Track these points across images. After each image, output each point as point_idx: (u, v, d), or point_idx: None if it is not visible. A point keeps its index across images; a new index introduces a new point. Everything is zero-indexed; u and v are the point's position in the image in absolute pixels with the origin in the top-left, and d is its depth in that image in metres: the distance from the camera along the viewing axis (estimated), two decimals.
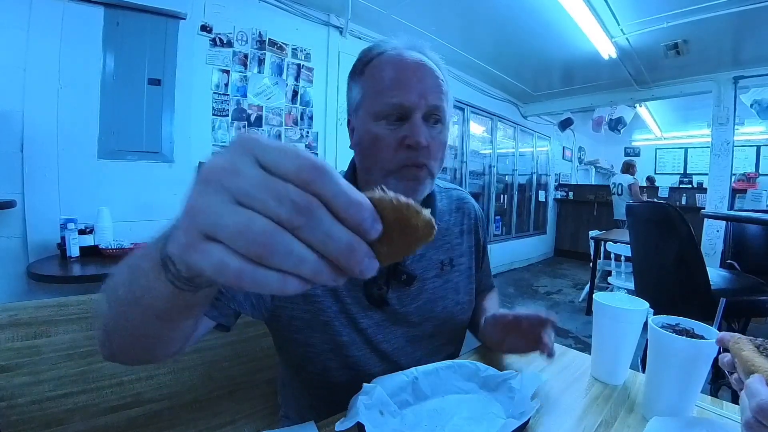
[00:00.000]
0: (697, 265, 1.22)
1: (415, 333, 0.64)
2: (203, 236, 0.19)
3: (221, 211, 0.18)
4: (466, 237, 0.70)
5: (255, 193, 0.18)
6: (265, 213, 0.18)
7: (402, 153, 0.52)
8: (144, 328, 0.33)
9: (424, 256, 0.64)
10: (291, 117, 2.71)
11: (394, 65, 0.53)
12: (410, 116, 0.52)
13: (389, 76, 0.52)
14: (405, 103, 0.51)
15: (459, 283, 0.68)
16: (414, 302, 0.62)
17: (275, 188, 0.18)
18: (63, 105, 1.82)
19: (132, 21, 2.00)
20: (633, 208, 1.64)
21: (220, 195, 0.18)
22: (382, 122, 0.53)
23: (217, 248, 0.18)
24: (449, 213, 0.69)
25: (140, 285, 0.28)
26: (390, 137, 0.52)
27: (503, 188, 5.40)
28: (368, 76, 0.55)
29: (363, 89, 0.56)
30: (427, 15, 2.92)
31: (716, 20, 2.63)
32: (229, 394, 0.81)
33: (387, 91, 0.52)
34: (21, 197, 1.73)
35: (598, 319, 0.61)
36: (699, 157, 6.31)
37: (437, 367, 0.56)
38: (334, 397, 0.64)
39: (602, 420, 0.50)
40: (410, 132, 0.51)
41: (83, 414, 0.64)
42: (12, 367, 0.59)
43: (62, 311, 0.64)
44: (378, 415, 0.46)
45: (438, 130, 0.55)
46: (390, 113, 0.52)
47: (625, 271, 3.10)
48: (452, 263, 0.67)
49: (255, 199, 0.18)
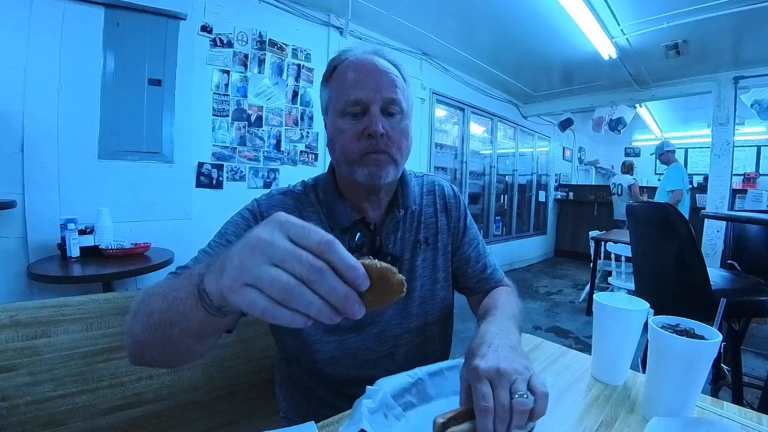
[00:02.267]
0: (697, 266, 1.22)
1: (396, 311, 0.66)
2: (243, 284, 0.28)
3: (260, 269, 0.28)
4: (441, 216, 0.73)
5: (284, 258, 0.28)
6: (291, 272, 0.28)
7: (363, 142, 0.58)
8: (178, 343, 0.41)
9: (403, 237, 0.68)
10: (291, 117, 2.71)
11: (352, 68, 0.60)
12: (368, 110, 0.58)
13: (349, 78, 0.59)
14: (362, 98, 0.58)
15: (437, 260, 0.71)
16: None
17: (299, 256, 0.28)
18: (63, 105, 1.82)
19: (132, 21, 2.00)
20: (633, 208, 1.64)
21: (260, 258, 0.28)
22: (346, 117, 0.59)
23: (252, 292, 0.28)
24: (421, 195, 0.73)
25: (177, 311, 0.38)
26: (352, 129, 0.58)
27: (503, 188, 5.40)
28: (333, 80, 0.62)
29: (330, 92, 0.63)
30: (427, 15, 2.92)
31: (716, 20, 2.63)
32: (229, 394, 0.81)
33: (347, 90, 0.58)
34: (21, 197, 1.73)
35: (599, 320, 0.61)
36: (699, 158, 6.31)
37: (442, 367, 0.55)
38: (328, 393, 0.66)
39: (602, 420, 0.50)
40: (369, 123, 0.57)
41: (83, 414, 0.64)
42: (12, 367, 0.59)
43: (62, 311, 0.64)
44: (382, 418, 0.45)
45: (397, 120, 0.60)
46: (351, 109, 0.58)
47: (626, 271, 3.10)
48: (428, 241, 0.70)
49: (284, 262, 0.28)
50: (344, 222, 0.63)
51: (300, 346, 0.64)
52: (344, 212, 0.63)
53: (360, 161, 0.59)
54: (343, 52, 0.63)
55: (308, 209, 0.65)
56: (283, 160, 2.68)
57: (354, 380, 0.63)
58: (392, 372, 0.63)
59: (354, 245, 0.62)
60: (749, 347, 2.28)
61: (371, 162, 0.58)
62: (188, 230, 2.24)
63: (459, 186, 4.40)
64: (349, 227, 0.62)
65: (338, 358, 0.64)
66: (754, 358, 2.26)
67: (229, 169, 2.43)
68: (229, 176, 2.43)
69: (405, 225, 0.69)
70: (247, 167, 2.51)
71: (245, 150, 2.50)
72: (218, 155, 2.39)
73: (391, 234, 0.67)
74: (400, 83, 0.61)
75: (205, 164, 2.33)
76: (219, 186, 2.39)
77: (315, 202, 0.66)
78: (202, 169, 2.32)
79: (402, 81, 0.62)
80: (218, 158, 2.39)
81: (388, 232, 0.66)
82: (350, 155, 0.59)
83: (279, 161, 2.66)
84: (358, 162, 0.59)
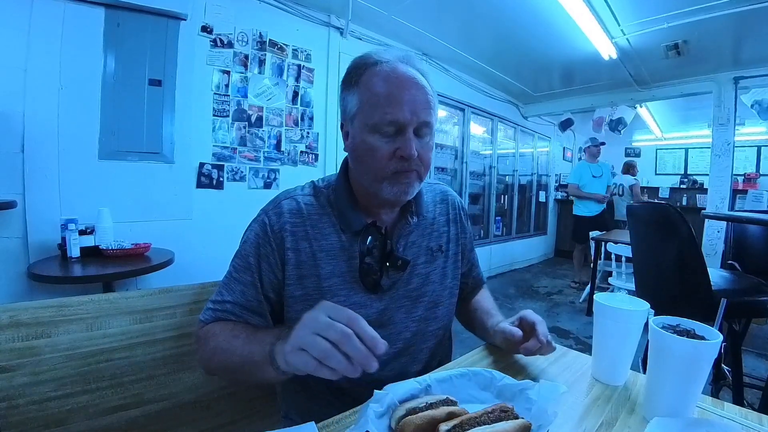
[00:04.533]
0: (697, 266, 1.21)
1: (406, 314, 0.69)
2: (298, 348, 0.43)
3: (308, 337, 0.42)
4: (452, 226, 0.77)
5: (324, 329, 0.42)
6: (328, 338, 0.41)
7: (395, 163, 0.59)
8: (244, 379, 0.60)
9: (414, 243, 0.70)
10: (291, 118, 2.71)
11: (388, 80, 0.58)
12: (403, 131, 0.58)
13: (384, 91, 0.57)
14: (399, 119, 0.57)
15: (447, 267, 0.74)
16: (405, 286, 0.68)
17: (334, 326, 0.42)
18: (64, 106, 1.82)
19: (133, 22, 2.00)
20: (633, 208, 1.63)
21: (308, 330, 0.43)
22: (377, 135, 0.58)
23: (304, 354, 0.43)
24: (434, 204, 0.76)
25: (252, 365, 0.53)
26: (384, 149, 0.58)
27: (504, 189, 5.40)
28: (363, 87, 0.60)
29: (359, 100, 0.60)
30: (428, 15, 2.92)
31: (716, 20, 2.63)
32: (229, 394, 0.81)
33: (382, 107, 0.57)
34: (22, 198, 1.73)
35: (599, 320, 0.61)
36: (700, 158, 6.30)
37: (451, 374, 0.54)
38: (332, 392, 0.67)
39: (603, 421, 0.50)
40: (403, 145, 0.58)
41: (84, 414, 0.64)
42: (12, 367, 0.59)
43: (63, 312, 0.64)
44: (388, 423, 0.45)
45: (426, 140, 0.61)
46: (385, 128, 0.58)
47: (626, 271, 3.10)
48: (441, 249, 0.73)
49: (324, 332, 0.42)
50: (356, 226, 0.64)
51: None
52: (356, 216, 0.65)
53: (389, 179, 0.60)
54: (372, 54, 0.61)
55: (318, 213, 0.66)
56: (284, 160, 2.68)
57: (359, 380, 0.63)
58: (397, 372, 0.64)
59: (365, 248, 0.63)
60: (750, 348, 2.28)
61: (401, 180, 0.60)
62: (189, 230, 2.23)
63: (459, 186, 4.41)
64: (360, 231, 0.64)
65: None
66: (755, 359, 2.26)
67: (229, 170, 2.43)
68: (230, 176, 2.43)
69: (417, 231, 0.71)
70: (248, 167, 2.51)
71: (245, 150, 2.50)
72: (219, 155, 2.39)
73: (402, 239, 0.69)
74: (433, 101, 0.61)
75: (205, 164, 2.33)
76: (219, 186, 2.39)
77: (326, 204, 0.67)
78: (202, 170, 2.32)
79: (434, 97, 0.62)
80: (219, 158, 2.39)
81: (399, 236, 0.68)
82: (380, 173, 0.59)
83: (279, 161, 2.66)
84: (387, 179, 0.60)
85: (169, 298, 0.75)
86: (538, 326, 0.62)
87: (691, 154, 6.56)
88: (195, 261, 2.12)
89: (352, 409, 0.52)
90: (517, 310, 0.69)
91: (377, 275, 0.64)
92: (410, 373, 0.67)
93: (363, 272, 0.64)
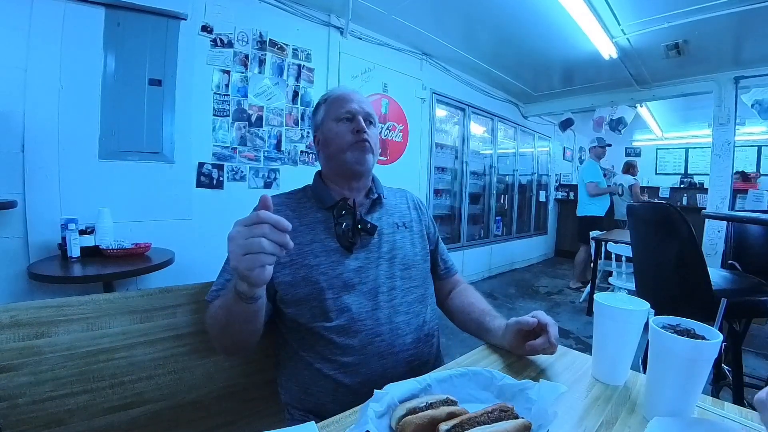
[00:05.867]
0: (697, 266, 1.21)
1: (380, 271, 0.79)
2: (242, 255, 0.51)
3: (235, 247, 0.52)
4: (413, 211, 0.94)
5: (241, 235, 0.52)
6: (250, 236, 0.51)
7: (352, 135, 0.82)
8: (237, 330, 0.65)
9: (380, 218, 0.85)
10: (291, 117, 2.71)
11: (343, 93, 0.88)
12: (355, 117, 0.83)
13: (340, 97, 0.86)
14: (352, 109, 0.84)
15: (414, 239, 0.89)
16: (377, 249, 0.82)
17: (244, 227, 0.52)
18: (64, 105, 1.82)
19: (133, 21, 2.00)
20: (633, 208, 1.63)
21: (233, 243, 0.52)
22: (339, 122, 0.84)
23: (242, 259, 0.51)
24: (395, 197, 0.94)
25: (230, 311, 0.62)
26: (344, 128, 0.83)
27: (504, 188, 5.39)
28: (328, 102, 0.88)
29: (325, 110, 0.87)
30: (428, 15, 2.92)
31: (717, 20, 2.62)
32: (229, 394, 0.81)
33: (341, 105, 0.85)
34: (22, 197, 1.73)
35: (599, 320, 0.61)
36: (700, 158, 6.30)
37: (451, 374, 0.55)
38: (332, 395, 0.67)
39: (603, 421, 0.50)
40: (356, 124, 0.82)
41: (84, 414, 0.64)
42: (13, 367, 0.59)
43: (63, 312, 0.64)
44: (388, 423, 0.45)
45: (372, 128, 0.86)
46: (345, 116, 0.84)
47: (626, 271, 3.10)
48: (405, 225, 0.89)
49: (243, 236, 0.52)
50: (329, 202, 0.82)
51: (317, 312, 0.74)
52: (328, 195, 0.83)
53: (350, 148, 0.82)
54: (331, 91, 0.90)
55: (299, 199, 0.85)
56: (284, 160, 2.68)
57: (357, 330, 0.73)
58: (390, 328, 0.74)
59: (339, 215, 0.80)
60: (750, 347, 2.28)
61: (359, 148, 0.82)
62: (189, 230, 2.23)
63: (459, 186, 4.41)
64: (333, 205, 0.81)
65: (344, 309, 0.74)
66: (755, 359, 2.26)
67: (229, 169, 2.43)
68: (230, 176, 2.43)
69: (383, 210, 0.87)
70: (248, 167, 2.51)
71: (246, 150, 2.50)
72: (219, 155, 2.39)
73: (369, 214, 0.85)
74: (372, 108, 0.88)
75: (205, 164, 2.33)
76: (219, 186, 2.39)
77: (310, 196, 0.86)
78: (202, 169, 2.32)
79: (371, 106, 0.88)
80: (219, 158, 2.39)
81: (365, 210, 0.85)
82: (344, 145, 0.82)
83: (279, 161, 2.66)
84: (349, 149, 0.81)
85: (169, 298, 0.76)
86: (550, 327, 0.67)
87: (692, 153, 6.57)
88: (195, 261, 2.12)
89: (352, 409, 0.52)
90: (517, 309, 0.69)
91: (352, 238, 0.79)
92: (401, 332, 0.75)
93: (339, 236, 0.78)
